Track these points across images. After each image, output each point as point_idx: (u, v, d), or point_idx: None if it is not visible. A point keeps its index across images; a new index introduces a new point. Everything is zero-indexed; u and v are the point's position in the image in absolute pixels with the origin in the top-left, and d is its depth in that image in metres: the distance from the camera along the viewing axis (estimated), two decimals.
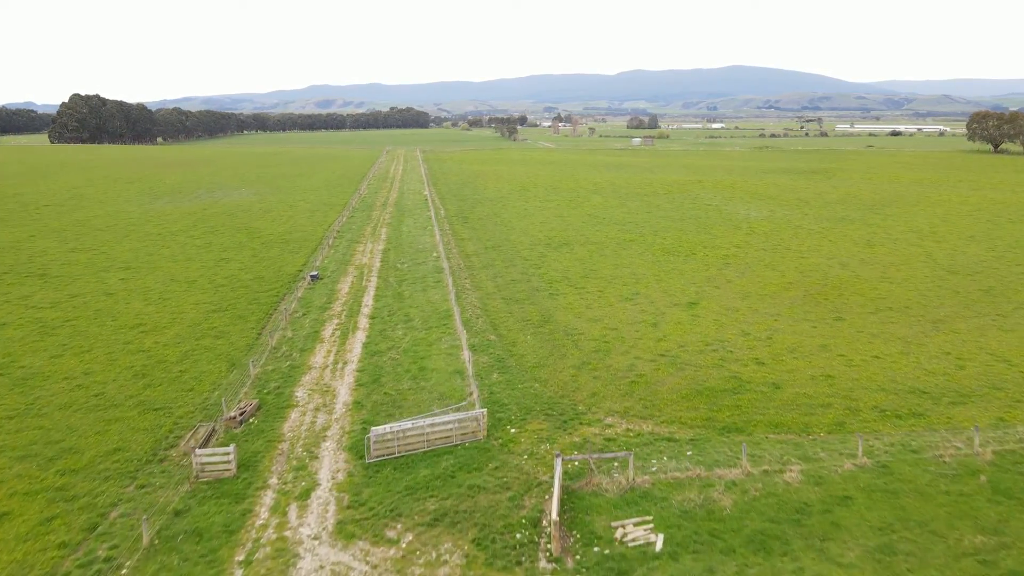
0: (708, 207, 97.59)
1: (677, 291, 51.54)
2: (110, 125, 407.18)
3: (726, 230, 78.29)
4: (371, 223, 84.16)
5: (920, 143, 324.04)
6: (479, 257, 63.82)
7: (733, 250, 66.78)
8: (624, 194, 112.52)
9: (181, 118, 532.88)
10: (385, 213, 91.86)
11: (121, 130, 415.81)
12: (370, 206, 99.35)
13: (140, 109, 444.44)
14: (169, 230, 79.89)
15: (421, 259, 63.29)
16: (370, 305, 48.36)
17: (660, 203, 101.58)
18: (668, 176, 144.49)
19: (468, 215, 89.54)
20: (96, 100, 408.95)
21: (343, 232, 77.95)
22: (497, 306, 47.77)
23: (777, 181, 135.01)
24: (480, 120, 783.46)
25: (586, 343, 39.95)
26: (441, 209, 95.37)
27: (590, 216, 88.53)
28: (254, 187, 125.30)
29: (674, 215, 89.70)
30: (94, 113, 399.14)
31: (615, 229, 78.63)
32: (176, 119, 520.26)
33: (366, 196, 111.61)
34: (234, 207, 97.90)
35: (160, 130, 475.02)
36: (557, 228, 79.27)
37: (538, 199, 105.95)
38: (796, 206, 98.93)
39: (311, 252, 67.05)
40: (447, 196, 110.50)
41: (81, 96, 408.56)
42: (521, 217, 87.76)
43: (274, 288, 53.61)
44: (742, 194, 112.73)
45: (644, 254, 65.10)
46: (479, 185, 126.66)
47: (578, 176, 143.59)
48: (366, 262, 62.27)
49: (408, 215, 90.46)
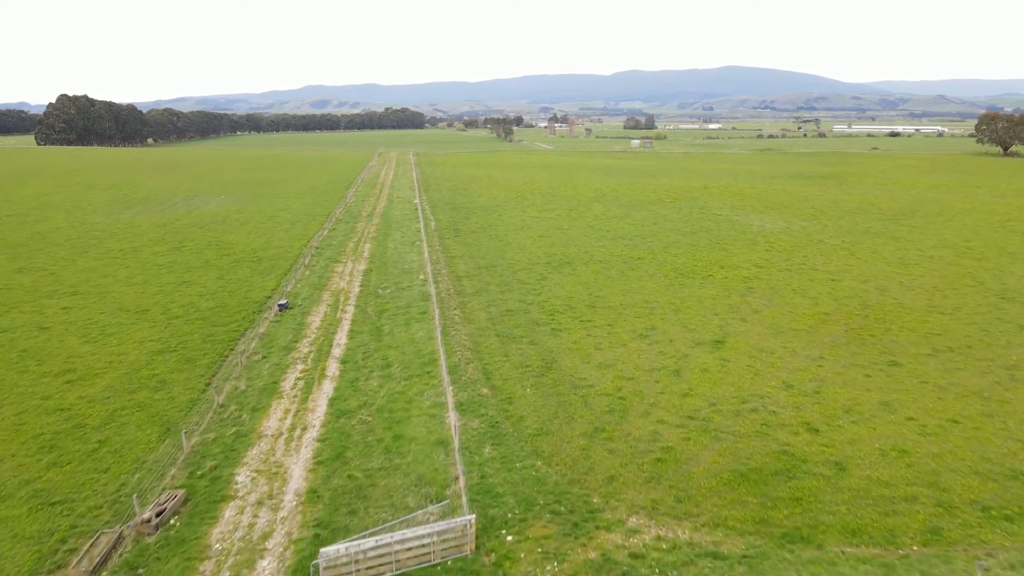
0: (718, 218, 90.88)
1: (698, 324, 44.75)
2: (99, 126, 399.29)
3: (742, 246, 71.57)
4: (354, 237, 77.20)
5: (923, 144, 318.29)
6: (471, 280, 56.94)
7: (754, 271, 60.03)
8: (627, 202, 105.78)
9: (172, 119, 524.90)
10: (370, 225, 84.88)
11: (110, 131, 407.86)
12: (355, 216, 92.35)
13: (130, 110, 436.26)
14: (132, 245, 72.84)
15: (406, 282, 56.35)
16: (343, 344, 41.44)
17: (667, 213, 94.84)
18: (672, 181, 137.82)
19: (460, 227, 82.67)
20: (84, 101, 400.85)
21: (323, 248, 70.97)
22: (491, 345, 40.91)
23: (787, 187, 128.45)
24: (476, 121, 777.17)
25: (597, 399, 33.13)
26: (431, 220, 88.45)
27: (592, 228, 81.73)
28: (235, 194, 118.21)
29: (683, 227, 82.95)
30: (82, 114, 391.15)
31: (621, 245, 71.84)
32: (167, 120, 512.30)
33: (352, 205, 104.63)
34: (209, 217, 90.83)
35: (151, 131, 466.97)
36: (557, 243, 72.45)
37: (536, 208, 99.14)
38: (812, 216, 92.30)
39: (284, 273, 60.07)
40: (439, 204, 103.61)
41: (68, 97, 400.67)
42: (518, 229, 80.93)
43: (236, 320, 46.66)
44: (752, 202, 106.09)
45: (655, 275, 58.31)
46: (473, 192, 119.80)
47: (577, 181, 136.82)
48: (344, 286, 55.29)
49: (395, 227, 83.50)
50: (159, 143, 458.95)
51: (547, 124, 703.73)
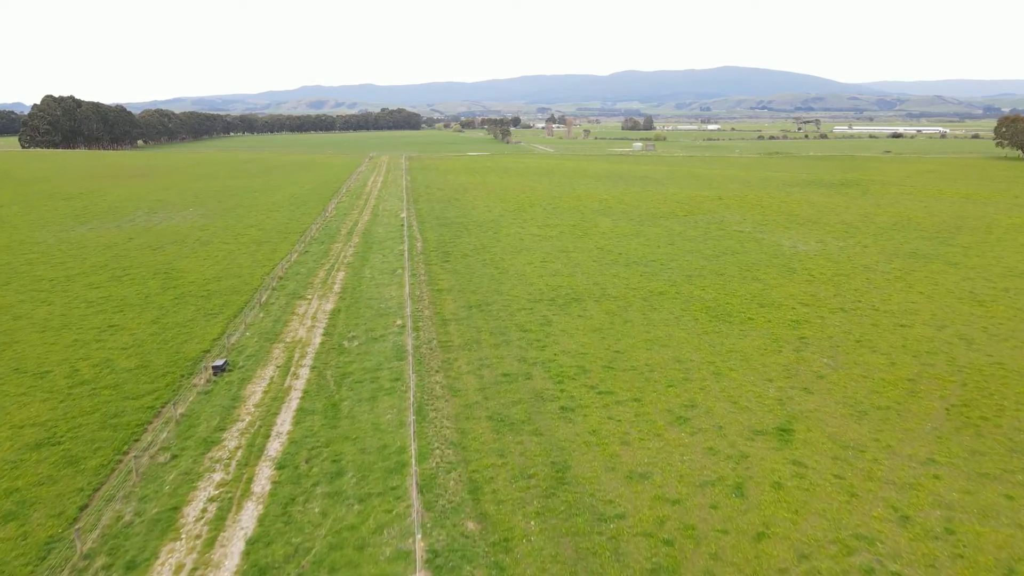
0: (741, 236, 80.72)
1: (751, 398, 34.55)
2: (85, 128, 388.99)
3: (778, 274, 61.38)
4: (327, 262, 66.83)
5: (931, 146, 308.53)
6: (460, 325, 46.64)
7: (801, 311, 49.83)
8: (637, 216, 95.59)
9: (163, 120, 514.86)
10: (348, 247, 74.51)
11: (98, 133, 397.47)
12: (333, 235, 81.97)
13: (118, 111, 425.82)
14: (67, 273, 62.46)
15: (379, 329, 46.03)
16: (284, 434, 31.13)
17: (682, 229, 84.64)
18: (681, 190, 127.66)
19: (451, 249, 72.36)
20: (70, 101, 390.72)
21: (288, 278, 60.60)
22: (481, 436, 30.64)
23: (807, 197, 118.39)
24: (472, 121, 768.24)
25: (632, 545, 22.87)
26: (418, 240, 78.11)
27: (601, 251, 71.52)
28: (207, 205, 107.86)
29: (704, 249, 72.76)
30: (68, 115, 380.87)
31: (636, 273, 61.61)
32: (158, 121, 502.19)
33: (332, 219, 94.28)
34: (168, 236, 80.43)
35: (141, 133, 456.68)
36: (562, 271, 62.21)
37: (536, 223, 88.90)
38: (847, 233, 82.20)
39: (235, 314, 49.72)
40: (428, 219, 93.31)
41: (54, 97, 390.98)
42: (516, 252, 70.67)
43: (155, 390, 36.33)
44: (775, 216, 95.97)
45: (682, 318, 48.10)
46: (467, 203, 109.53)
47: (580, 190, 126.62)
48: (302, 335, 44.94)
49: (376, 249, 73.15)
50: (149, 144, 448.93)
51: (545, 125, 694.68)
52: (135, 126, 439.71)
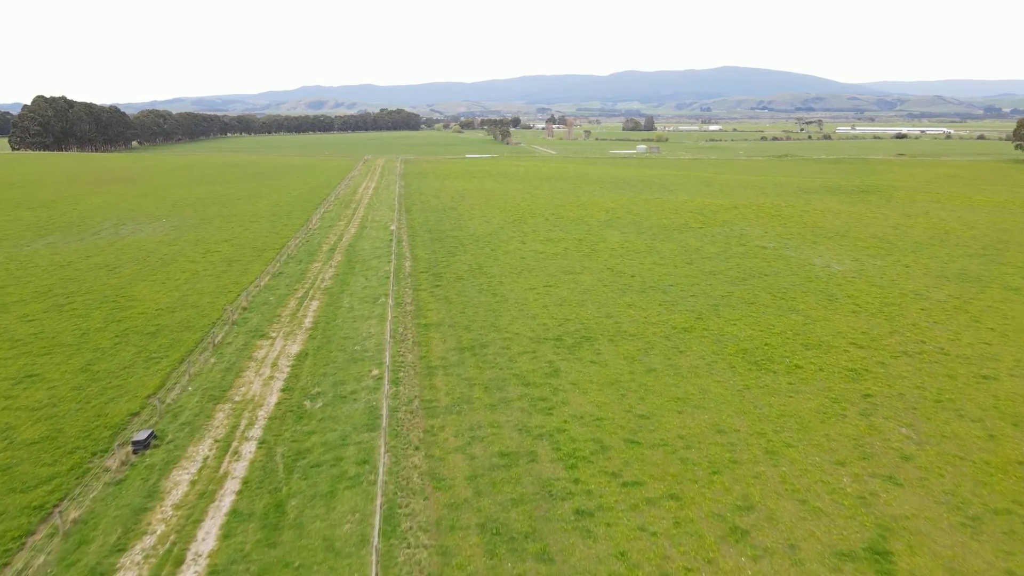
0: (766, 253, 72.75)
1: (823, 494, 26.51)
2: (77, 129, 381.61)
3: (817, 302, 53.36)
4: (301, 288, 58.80)
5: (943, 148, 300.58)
6: (449, 376, 38.61)
7: (855, 354, 41.80)
8: (648, 228, 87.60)
9: (159, 121, 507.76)
10: (328, 268, 66.47)
11: (91, 134, 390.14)
12: (313, 252, 73.95)
13: (112, 112, 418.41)
14: (4, 300, 54.46)
15: (351, 382, 37.98)
16: (203, 561, 22.98)
17: (699, 245, 76.65)
18: (692, 198, 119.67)
19: (443, 271, 64.34)
20: (62, 102, 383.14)
21: (254, 307, 52.58)
22: (469, 566, 22.59)
23: (828, 205, 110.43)
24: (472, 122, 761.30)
25: None
26: (407, 258, 70.09)
27: (612, 272, 63.51)
28: (183, 215, 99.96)
29: (727, 269, 64.77)
30: (59, 116, 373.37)
31: (655, 302, 53.61)
32: (153, 122, 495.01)
33: (315, 232, 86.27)
34: (131, 253, 72.46)
35: (135, 134, 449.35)
36: (570, 298, 54.19)
37: (538, 237, 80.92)
38: (882, 250, 74.22)
39: (181, 358, 41.70)
40: (420, 232, 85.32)
41: (45, 98, 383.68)
42: (517, 274, 62.65)
43: (55, 476, 28.32)
44: (798, 228, 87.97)
45: (716, 364, 40.10)
46: (463, 212, 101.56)
47: (584, 198, 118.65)
48: (255, 392, 36.86)
49: (359, 271, 65.10)
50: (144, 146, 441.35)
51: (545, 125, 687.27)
52: (129, 127, 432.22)
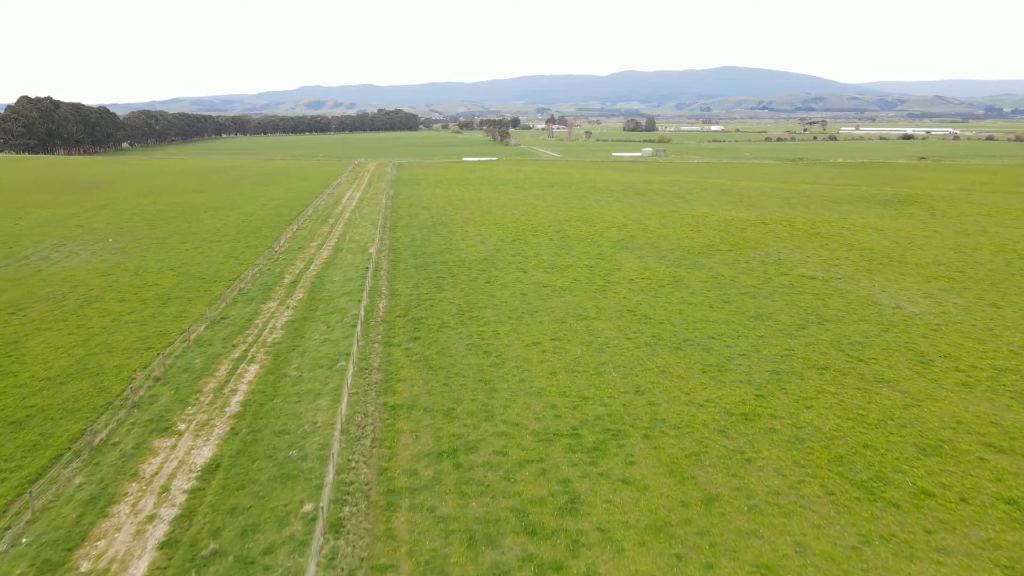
0: (815, 285, 60.33)
1: None
2: (64, 130, 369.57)
3: (907, 367, 40.90)
4: (243, 342, 46.24)
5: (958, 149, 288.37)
6: (414, 516, 26.08)
7: (1001, 464, 29.35)
8: (668, 250, 75.18)
9: (150, 122, 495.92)
10: (284, 310, 53.93)
11: (78, 136, 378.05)
12: (271, 286, 61.41)
13: (101, 112, 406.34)
14: None
15: (267, 530, 25.42)
16: None
17: (733, 274, 64.21)
18: (713, 210, 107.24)
19: (425, 314, 51.85)
20: (47, 103, 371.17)
21: (169, 378, 40.03)
22: None
23: (867, 220, 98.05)
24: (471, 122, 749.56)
25: None
26: (383, 295, 57.56)
27: (634, 315, 51.07)
28: (137, 232, 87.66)
29: (777, 312, 52.30)
30: (45, 117, 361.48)
31: (695, 366, 41.14)
32: (144, 123, 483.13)
33: (281, 257, 73.80)
34: (50, 287, 59.99)
35: (125, 135, 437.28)
36: (586, 363, 41.69)
37: (541, 264, 68.55)
38: (955, 283, 61.76)
39: (35, 475, 29.20)
40: (403, 257, 72.91)
41: (29, 98, 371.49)
42: (516, 320, 50.20)
43: None
44: (844, 250, 75.54)
45: (804, 488, 27.64)
46: (456, 229, 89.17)
47: (591, 210, 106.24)
48: (116, 554, 24.31)
49: (321, 314, 52.57)
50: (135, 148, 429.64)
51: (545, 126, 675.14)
52: (119, 128, 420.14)
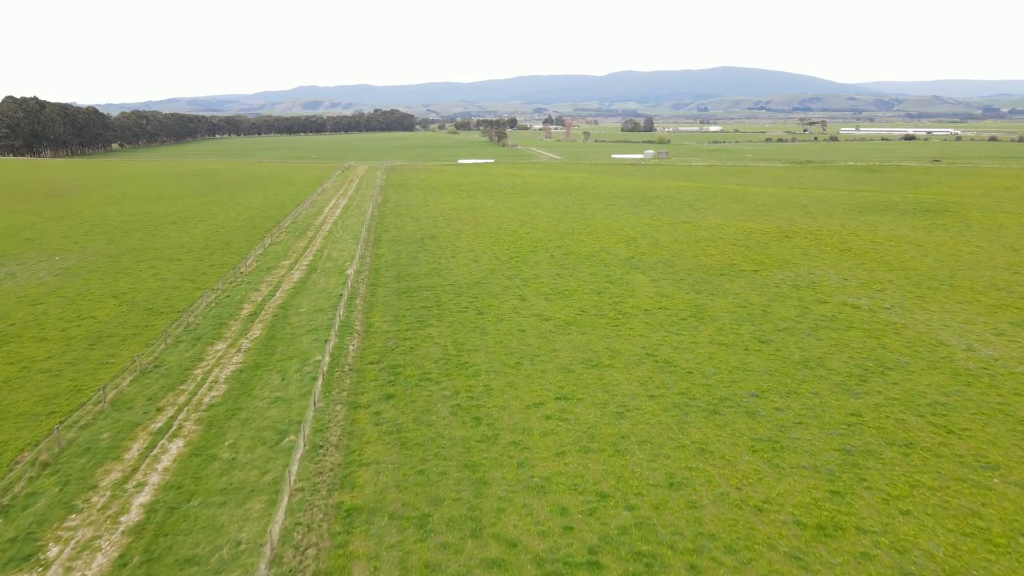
0: (863, 317, 51.44)
1: None
2: (51, 131, 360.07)
3: (1012, 440, 32.01)
4: (170, 406, 37.16)
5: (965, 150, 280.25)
6: None
7: None
8: (685, 270, 66.26)
9: (141, 122, 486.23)
10: (233, 354, 44.79)
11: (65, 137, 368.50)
12: (225, 320, 52.28)
13: (89, 113, 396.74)
14: None
15: None
16: None
17: (765, 302, 55.28)
18: (727, 221, 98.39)
19: (403, 361, 42.81)
20: (33, 103, 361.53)
21: (64, 464, 30.95)
22: None
23: (900, 232, 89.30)
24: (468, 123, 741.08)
25: None
26: (356, 332, 48.49)
27: (655, 361, 42.11)
28: (92, 246, 78.66)
29: (827, 357, 43.38)
30: (30, 118, 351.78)
31: (742, 441, 32.23)
32: (135, 123, 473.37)
33: (244, 280, 64.71)
34: None
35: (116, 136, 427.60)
36: (601, 436, 32.73)
37: (542, 289, 59.60)
38: (1020, 310, 53.00)
39: None
40: (384, 280, 63.89)
41: (15, 99, 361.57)
42: (513, 369, 41.21)
43: None
44: (885, 270, 66.69)
45: None
46: (447, 244, 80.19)
47: (595, 220, 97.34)
48: None
49: (278, 361, 43.48)
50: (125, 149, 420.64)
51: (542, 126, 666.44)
52: (108, 129, 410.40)
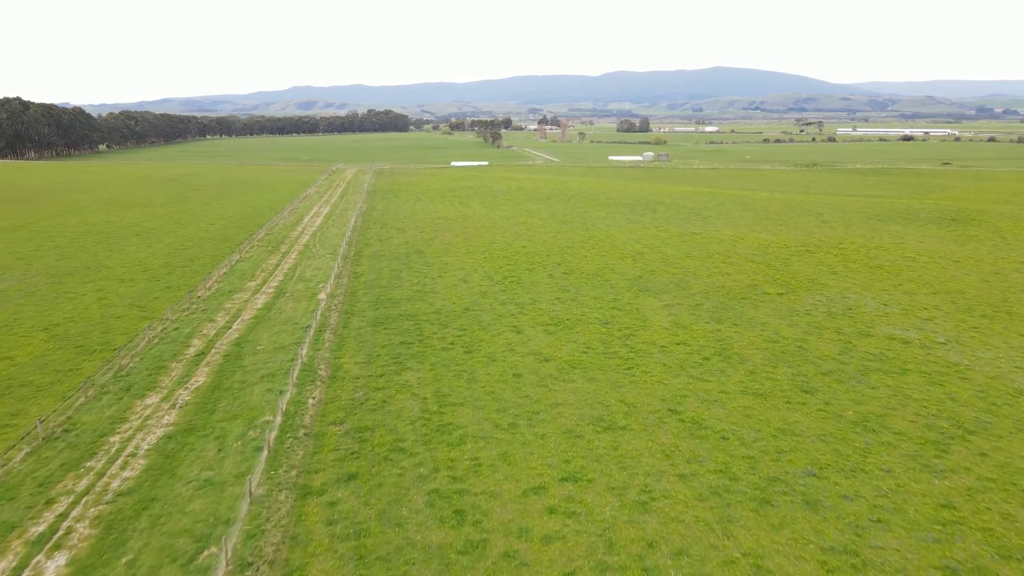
0: (915, 355, 43.53)
1: None
2: (35, 133, 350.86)
3: None
4: (67, 490, 28.95)
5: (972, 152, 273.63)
6: None
7: None
8: (702, 293, 58.28)
9: (129, 123, 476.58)
10: (167, 408, 36.52)
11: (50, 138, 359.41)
12: (166, 362, 44.00)
13: (75, 114, 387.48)
14: None
15: None
16: None
17: (799, 335, 47.28)
18: (740, 231, 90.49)
19: (373, 423, 34.64)
20: (16, 104, 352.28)
21: None
22: None
23: (930, 245, 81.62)
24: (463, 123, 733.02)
25: None
26: (320, 381, 40.26)
27: (676, 417, 34.09)
28: (38, 264, 70.52)
29: (887, 415, 35.41)
30: (13, 119, 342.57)
31: (808, 546, 24.14)
32: (123, 124, 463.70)
33: (201, 307, 56.44)
34: None
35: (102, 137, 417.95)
36: (621, 541, 24.65)
37: (541, 319, 51.52)
38: None
39: None
40: (361, 307, 55.71)
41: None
42: (505, 432, 33.09)
43: None
44: (927, 293, 58.84)
45: None
46: (434, 261, 72.10)
47: (597, 231, 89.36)
48: None
49: (220, 420, 35.23)
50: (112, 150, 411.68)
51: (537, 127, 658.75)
52: (95, 130, 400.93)
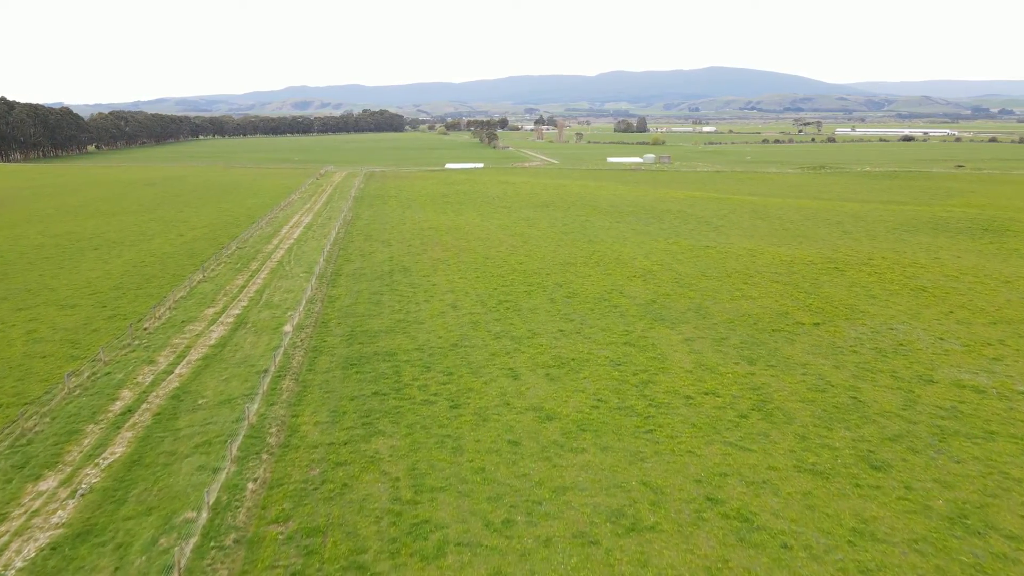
0: (998, 410, 35.84)
1: None
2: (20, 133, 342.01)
3: None
4: None
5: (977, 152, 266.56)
6: None
7: None
8: (726, 323, 50.54)
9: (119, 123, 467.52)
10: (66, 494, 28.36)
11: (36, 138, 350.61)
12: (82, 423, 35.95)
13: (62, 113, 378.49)
14: None
15: None
16: None
17: (848, 380, 39.57)
18: (757, 244, 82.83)
19: (326, 522, 26.79)
20: (1, 104, 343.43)
21: None
22: None
23: (970, 260, 74.04)
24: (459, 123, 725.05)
25: None
26: (268, 449, 32.41)
27: (717, 510, 26.28)
28: None
29: (986, 500, 27.62)
30: None
31: None
32: (112, 124, 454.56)
33: (144, 343, 48.55)
34: None
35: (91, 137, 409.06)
36: None
37: (541, 357, 43.73)
38: None
39: None
40: (331, 342, 47.83)
41: None
42: (498, 538, 25.25)
43: None
44: (984, 323, 51.17)
45: None
46: (419, 282, 64.28)
47: (601, 244, 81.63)
48: None
49: (124, 519, 27.35)
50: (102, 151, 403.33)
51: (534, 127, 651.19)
52: (83, 130, 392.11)
